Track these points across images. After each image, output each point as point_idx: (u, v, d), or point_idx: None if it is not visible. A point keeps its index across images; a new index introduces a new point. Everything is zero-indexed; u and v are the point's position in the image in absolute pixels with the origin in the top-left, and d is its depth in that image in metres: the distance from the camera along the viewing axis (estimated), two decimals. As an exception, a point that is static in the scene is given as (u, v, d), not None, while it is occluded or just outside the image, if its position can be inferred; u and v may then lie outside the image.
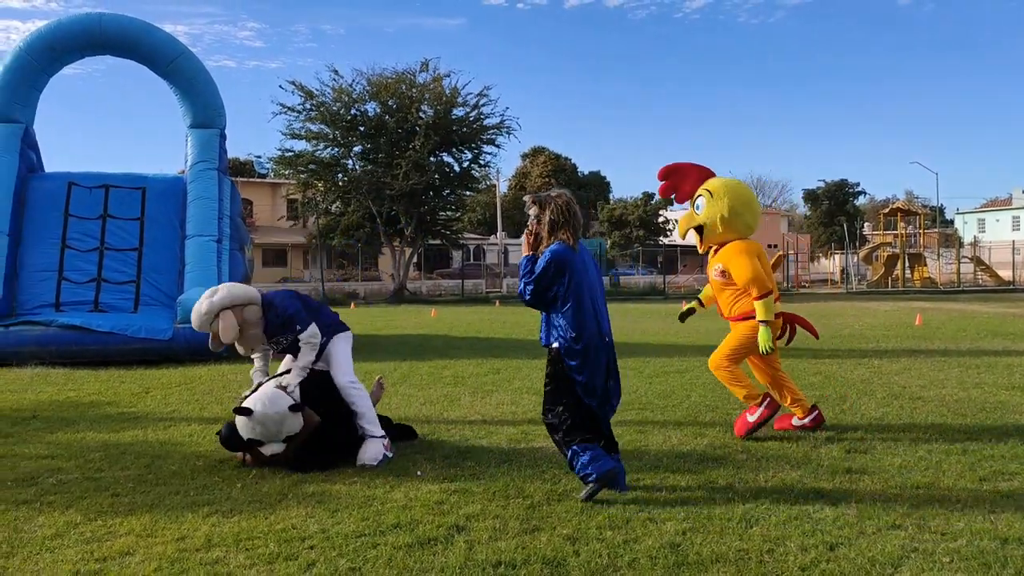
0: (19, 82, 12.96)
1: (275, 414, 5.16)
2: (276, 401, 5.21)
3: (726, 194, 6.10)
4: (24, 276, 12.05)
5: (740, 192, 6.21)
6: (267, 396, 5.25)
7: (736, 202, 6.10)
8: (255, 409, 5.17)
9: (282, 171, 37.70)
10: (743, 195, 6.21)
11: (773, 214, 74.14)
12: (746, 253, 6.04)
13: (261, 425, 5.14)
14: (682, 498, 4.56)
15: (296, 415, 5.24)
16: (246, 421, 5.18)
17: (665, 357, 11.62)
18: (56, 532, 4.03)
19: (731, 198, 6.09)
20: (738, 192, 6.19)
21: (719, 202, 6.07)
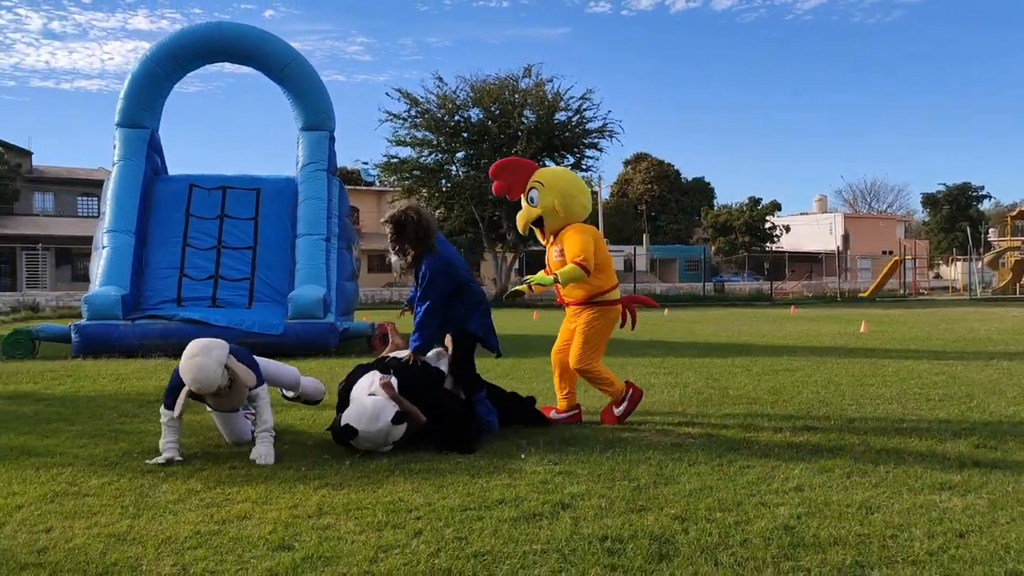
0: (146, 89, 13.69)
1: (378, 431, 5.10)
2: (378, 416, 5.11)
3: (556, 181, 6.25)
4: (149, 273, 12.70)
5: (569, 177, 6.45)
6: (368, 412, 5.10)
7: (569, 186, 6.27)
8: (359, 428, 5.07)
9: (387, 177, 38.58)
10: (573, 179, 6.43)
11: (889, 219, 71.18)
12: (583, 232, 6.18)
13: (367, 441, 5.11)
14: (796, 485, 4.38)
15: (400, 426, 5.18)
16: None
17: (774, 356, 11.28)
18: (179, 497, 4.20)
19: (563, 183, 6.25)
20: (567, 177, 6.43)
21: (552, 190, 6.16)
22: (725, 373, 9.42)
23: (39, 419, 6.51)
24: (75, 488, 4.38)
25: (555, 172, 6.48)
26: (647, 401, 7.39)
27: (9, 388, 8.35)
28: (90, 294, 11.84)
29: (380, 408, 5.15)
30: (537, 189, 6.19)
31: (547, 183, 6.21)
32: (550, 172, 6.43)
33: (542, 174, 6.33)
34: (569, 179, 6.40)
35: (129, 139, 13.44)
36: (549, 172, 6.42)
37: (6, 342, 11.59)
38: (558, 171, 6.56)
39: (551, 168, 6.63)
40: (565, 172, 6.58)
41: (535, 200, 6.22)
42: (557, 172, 6.50)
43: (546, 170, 6.48)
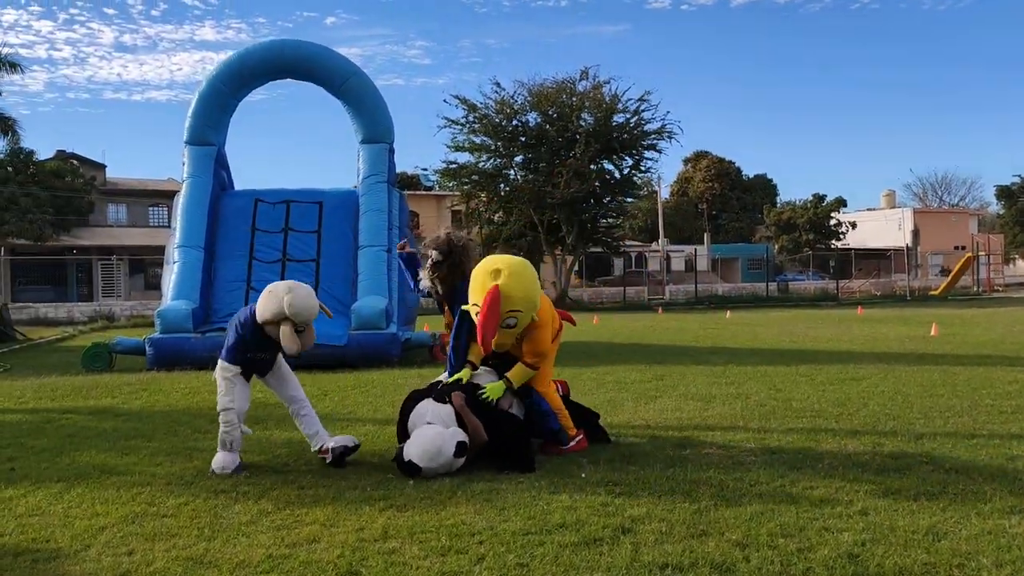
0: (211, 107, 14.11)
1: (439, 466, 5.17)
2: (440, 450, 5.15)
3: (527, 299, 5.66)
4: (218, 286, 13.09)
5: (530, 282, 5.74)
6: (430, 449, 5.16)
7: (534, 293, 5.77)
8: (422, 466, 5.14)
9: (447, 183, 38.93)
10: (532, 282, 5.79)
11: (961, 213, 69.03)
12: (547, 328, 5.99)
13: (431, 472, 5.18)
14: (861, 508, 4.34)
15: (461, 458, 5.24)
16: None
17: (839, 364, 11.08)
18: (250, 519, 4.36)
19: (531, 296, 5.70)
20: (528, 284, 5.72)
21: (527, 310, 5.68)
22: (788, 383, 9.31)
23: (118, 435, 6.79)
24: (154, 508, 4.58)
25: (522, 287, 5.64)
26: (709, 414, 7.37)
27: (89, 403, 8.72)
28: (162, 308, 12.26)
29: (441, 443, 5.20)
30: (515, 317, 5.65)
31: (523, 308, 5.65)
32: (519, 293, 5.60)
33: (513, 302, 5.57)
34: (531, 285, 5.74)
35: (197, 156, 13.87)
36: (518, 294, 5.59)
37: (86, 355, 12.08)
38: (522, 282, 5.66)
39: (511, 280, 5.57)
40: (523, 278, 5.70)
41: (515, 324, 5.70)
42: (522, 284, 5.65)
43: (514, 294, 5.57)
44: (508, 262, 5.72)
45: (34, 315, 27.16)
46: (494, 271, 5.60)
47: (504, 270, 5.59)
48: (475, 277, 5.75)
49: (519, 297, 5.60)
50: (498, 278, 5.54)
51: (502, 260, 5.74)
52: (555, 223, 35.35)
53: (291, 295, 5.37)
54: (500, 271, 5.58)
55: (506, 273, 5.58)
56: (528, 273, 5.78)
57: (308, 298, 5.46)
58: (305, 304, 5.41)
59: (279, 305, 5.36)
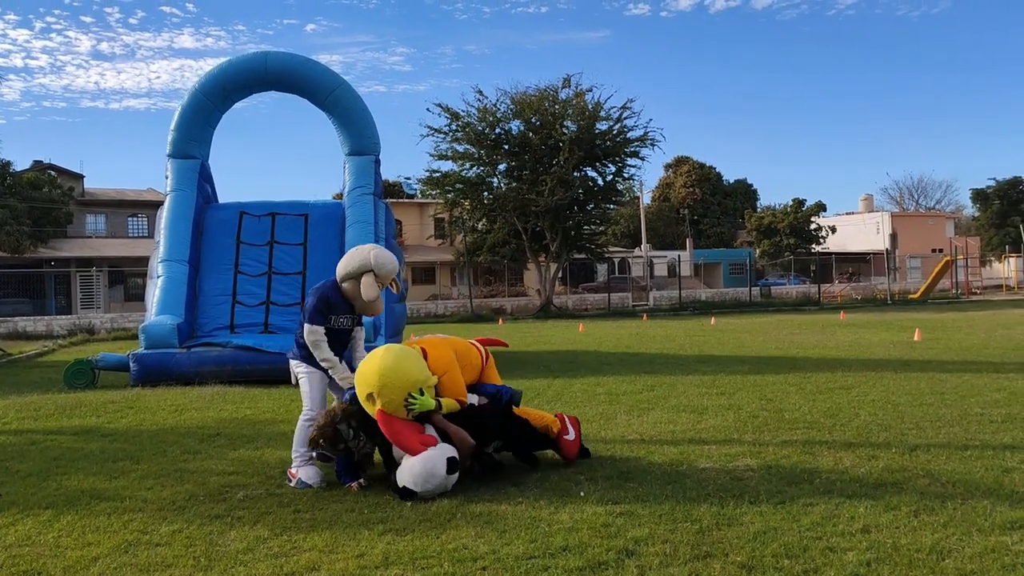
0: (195, 121, 13.99)
1: (436, 487, 5.14)
2: (432, 472, 5.10)
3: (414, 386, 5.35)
4: (203, 301, 12.96)
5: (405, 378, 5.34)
6: (422, 473, 5.09)
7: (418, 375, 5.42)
8: (417, 490, 5.10)
9: (430, 191, 38.86)
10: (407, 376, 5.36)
11: (938, 216, 69.72)
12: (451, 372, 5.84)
13: (429, 493, 5.14)
14: (863, 526, 4.33)
15: (454, 475, 5.21)
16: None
17: (828, 372, 11.12)
18: (247, 546, 4.28)
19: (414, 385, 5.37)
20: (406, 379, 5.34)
21: (425, 386, 5.42)
22: (779, 393, 9.32)
23: (105, 457, 6.68)
24: (147, 537, 4.49)
25: (398, 391, 5.31)
26: (703, 427, 7.36)
27: (74, 422, 8.59)
28: (147, 323, 12.12)
29: (432, 465, 5.13)
30: (413, 402, 5.33)
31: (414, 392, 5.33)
32: (398, 396, 5.31)
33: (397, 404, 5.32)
34: (406, 378, 5.33)
35: (180, 170, 13.75)
36: (397, 397, 5.31)
37: (68, 372, 11.90)
38: (395, 388, 5.30)
39: (384, 397, 5.27)
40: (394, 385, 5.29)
41: (416, 401, 5.37)
42: (396, 389, 5.30)
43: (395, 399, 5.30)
44: (373, 379, 5.26)
45: (12, 329, 26.80)
46: (367, 397, 5.32)
47: (374, 390, 5.25)
48: (360, 399, 5.44)
49: (400, 399, 5.28)
50: (375, 402, 5.28)
51: (368, 378, 5.30)
52: (539, 230, 35.37)
53: (376, 250, 5.91)
54: (373, 395, 5.28)
55: (377, 393, 5.25)
56: (394, 373, 5.27)
57: (387, 254, 5.92)
58: (389, 258, 5.89)
59: (364, 257, 5.81)
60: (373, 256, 5.85)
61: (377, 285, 5.87)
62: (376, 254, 5.88)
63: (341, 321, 5.98)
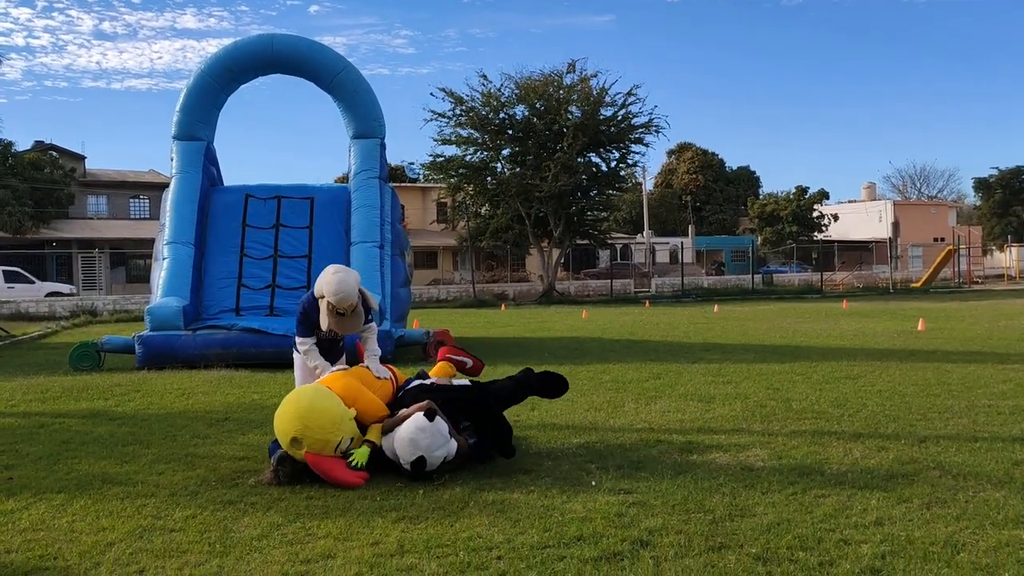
0: (200, 102, 13.94)
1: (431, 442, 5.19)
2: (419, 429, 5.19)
3: (341, 428, 5.30)
4: (208, 283, 12.95)
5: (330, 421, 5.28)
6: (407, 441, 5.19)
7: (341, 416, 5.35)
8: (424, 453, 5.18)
9: (433, 176, 38.78)
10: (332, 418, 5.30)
11: (940, 205, 69.60)
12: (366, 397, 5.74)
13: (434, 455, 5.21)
14: (876, 519, 4.33)
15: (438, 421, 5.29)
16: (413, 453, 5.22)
17: (833, 361, 11.12)
18: (261, 533, 4.29)
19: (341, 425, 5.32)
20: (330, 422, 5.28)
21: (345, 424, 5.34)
22: (785, 382, 9.33)
23: (115, 441, 6.69)
24: (161, 522, 4.50)
25: (323, 431, 5.23)
26: (711, 416, 7.36)
27: (82, 405, 8.59)
28: (152, 305, 12.11)
29: (412, 424, 5.24)
30: (343, 440, 5.29)
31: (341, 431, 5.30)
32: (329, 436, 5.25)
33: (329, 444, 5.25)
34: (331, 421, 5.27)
35: (186, 152, 13.70)
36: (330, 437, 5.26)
37: (74, 355, 11.91)
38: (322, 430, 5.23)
39: (310, 439, 5.18)
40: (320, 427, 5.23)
41: (351, 440, 5.36)
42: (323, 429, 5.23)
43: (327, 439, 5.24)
44: (295, 424, 5.17)
45: (15, 310, 26.82)
46: (290, 442, 5.19)
47: (298, 435, 5.15)
48: (281, 440, 5.29)
49: (330, 439, 5.22)
50: (300, 447, 5.18)
51: (287, 424, 5.21)
52: (542, 216, 35.30)
53: (334, 276, 5.74)
54: (296, 438, 5.16)
55: (301, 436, 5.16)
56: (312, 414, 5.20)
57: (344, 284, 5.69)
58: (337, 288, 5.67)
59: (322, 280, 5.78)
60: (326, 283, 5.70)
61: (333, 314, 5.69)
62: (328, 280, 5.69)
63: (327, 334, 5.97)
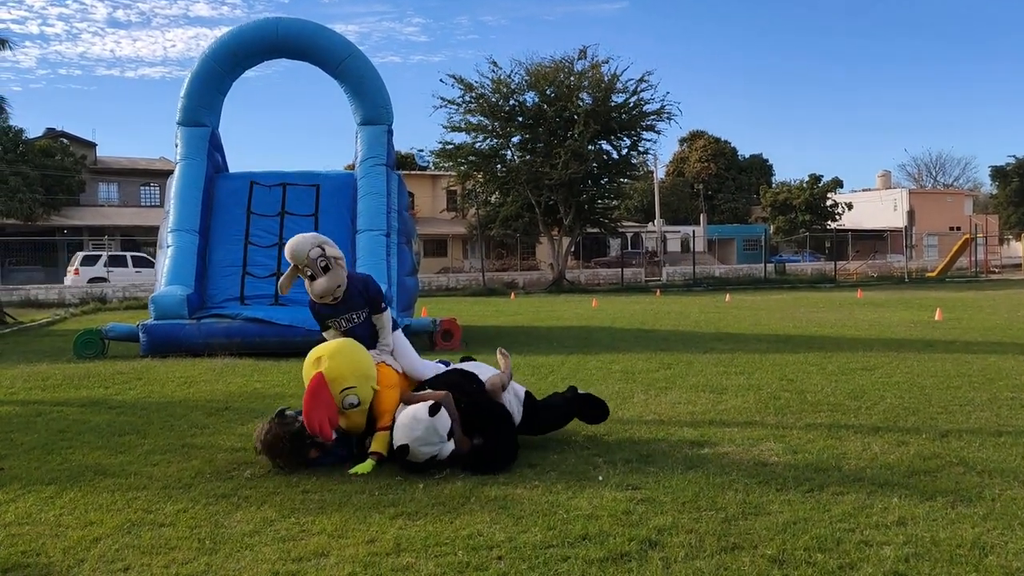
0: (205, 88, 13.75)
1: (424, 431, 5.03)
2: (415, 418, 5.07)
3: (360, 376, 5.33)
4: (213, 271, 12.79)
5: (360, 355, 5.47)
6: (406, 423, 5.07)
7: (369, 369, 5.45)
8: (408, 443, 5.02)
9: (443, 163, 38.55)
10: (362, 355, 5.50)
11: (956, 194, 68.87)
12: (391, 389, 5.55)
13: (422, 449, 5.04)
14: (898, 518, 4.12)
15: (441, 415, 5.12)
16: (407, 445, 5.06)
17: (848, 351, 10.88)
18: (254, 528, 4.11)
19: (363, 367, 5.40)
20: (359, 357, 5.45)
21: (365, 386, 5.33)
22: (799, 373, 9.10)
23: (112, 431, 6.54)
24: (151, 516, 4.33)
25: (349, 364, 5.33)
26: (723, 407, 7.15)
27: (82, 393, 8.46)
28: (156, 294, 11.97)
29: (412, 412, 5.13)
30: (354, 395, 5.27)
31: (357, 383, 5.29)
32: (347, 370, 5.29)
33: (344, 379, 5.25)
34: (358, 359, 5.42)
35: (191, 138, 13.53)
36: (346, 371, 5.29)
37: (78, 342, 11.79)
38: (346, 359, 5.36)
39: (334, 361, 5.28)
40: (346, 355, 5.39)
41: (358, 402, 5.30)
42: (348, 361, 5.35)
43: (341, 373, 5.26)
44: (328, 347, 5.46)
45: (24, 297, 26.81)
46: (315, 360, 5.37)
47: (324, 355, 5.34)
48: (305, 375, 5.45)
49: (349, 373, 5.28)
50: (319, 365, 5.28)
51: (322, 347, 5.49)
52: (552, 204, 35.04)
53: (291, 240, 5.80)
54: (321, 358, 5.33)
55: (327, 357, 5.32)
56: (351, 349, 5.48)
57: (292, 241, 5.74)
58: (287, 247, 5.73)
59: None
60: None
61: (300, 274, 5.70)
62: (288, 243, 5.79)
63: (339, 323, 5.82)
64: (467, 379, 5.74)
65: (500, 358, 6.18)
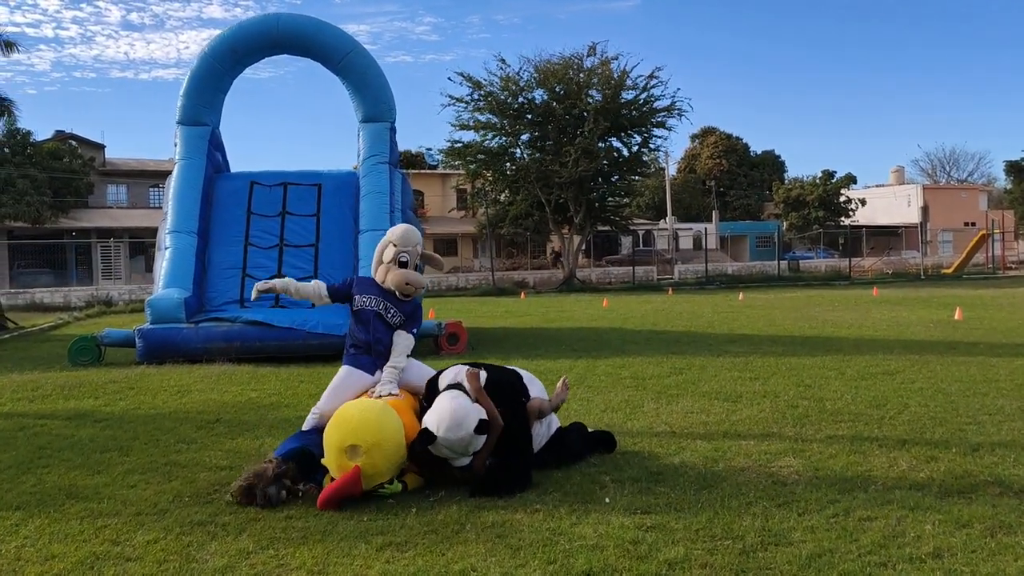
0: (205, 86, 13.44)
1: (458, 440, 4.70)
2: (460, 423, 4.71)
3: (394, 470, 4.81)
4: (212, 273, 12.48)
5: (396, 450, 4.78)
6: (449, 417, 4.72)
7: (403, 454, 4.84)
8: (437, 435, 4.69)
9: (452, 162, 38.20)
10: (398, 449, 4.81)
11: (971, 189, 68.02)
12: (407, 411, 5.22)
13: (445, 448, 4.72)
14: (932, 549, 3.74)
15: (481, 436, 4.77)
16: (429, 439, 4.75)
17: (867, 354, 10.46)
18: (227, 563, 3.77)
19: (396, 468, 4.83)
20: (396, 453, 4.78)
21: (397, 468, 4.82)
22: (817, 378, 8.70)
23: (93, 447, 6.21)
24: (117, 549, 3.99)
25: (386, 459, 4.70)
26: (738, 417, 6.77)
27: (70, 405, 8.15)
28: (153, 297, 11.66)
29: (463, 415, 4.76)
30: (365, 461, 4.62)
31: (393, 473, 4.80)
32: (384, 467, 4.71)
33: (380, 476, 4.71)
34: (396, 451, 4.79)
35: (190, 137, 13.23)
36: (383, 468, 4.70)
37: (72, 349, 11.51)
38: (385, 454, 4.70)
39: (376, 454, 4.63)
40: (396, 449, 4.77)
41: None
42: (386, 456, 4.71)
43: (375, 462, 4.65)
44: (363, 433, 4.64)
45: (30, 300, 26.63)
46: (349, 448, 4.61)
47: (362, 447, 4.60)
48: (327, 446, 4.76)
49: (386, 470, 4.71)
50: (355, 457, 4.60)
51: (355, 431, 4.67)
52: (562, 202, 34.64)
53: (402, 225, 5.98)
54: (357, 448, 4.60)
55: (365, 450, 4.60)
56: (389, 435, 4.74)
57: (411, 229, 5.88)
58: (407, 230, 5.82)
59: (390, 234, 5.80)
60: (393, 230, 5.88)
61: (395, 260, 5.70)
62: (395, 228, 5.94)
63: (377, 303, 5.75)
64: (517, 390, 5.33)
65: (560, 387, 5.67)
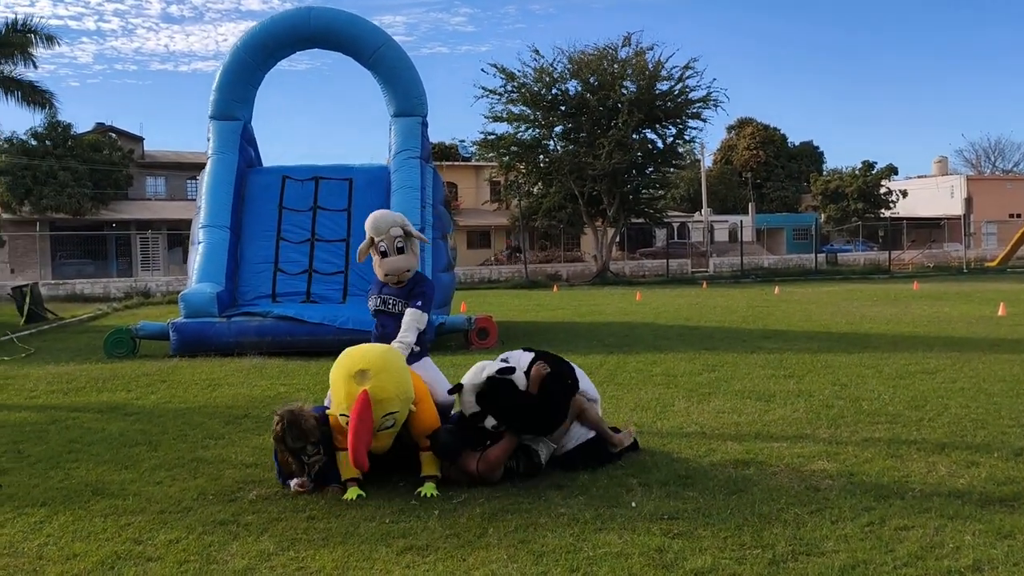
0: (237, 80, 13.51)
1: (482, 382, 5.05)
2: (483, 368, 5.11)
3: (403, 400, 4.84)
4: (245, 268, 12.56)
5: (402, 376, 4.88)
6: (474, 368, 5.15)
7: (410, 388, 4.92)
8: (463, 382, 5.08)
9: (485, 154, 38.15)
10: (403, 376, 4.92)
11: (1018, 180, 66.41)
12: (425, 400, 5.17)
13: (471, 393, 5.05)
14: (973, 562, 3.59)
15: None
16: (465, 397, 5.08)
17: (907, 352, 10.22)
18: (248, 565, 3.74)
19: (405, 396, 4.86)
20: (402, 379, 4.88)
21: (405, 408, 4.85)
22: (854, 377, 8.50)
23: (123, 441, 6.26)
24: (139, 548, 3.99)
25: (394, 384, 4.79)
26: (771, 418, 6.63)
27: (102, 398, 8.23)
28: (186, 291, 11.76)
29: (484, 364, 5.15)
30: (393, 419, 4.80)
31: (400, 407, 4.80)
32: (392, 393, 4.75)
33: (388, 403, 4.74)
34: (402, 377, 4.89)
35: (223, 132, 13.30)
36: (391, 394, 4.75)
37: (108, 341, 11.66)
38: (393, 378, 4.80)
39: (380, 380, 4.70)
40: (392, 372, 4.82)
41: (393, 424, 4.84)
42: (394, 380, 4.80)
43: (387, 395, 4.73)
44: (372, 358, 4.82)
45: (71, 291, 27.12)
46: (357, 372, 4.71)
47: (371, 370, 4.70)
48: (334, 381, 4.91)
49: (395, 396, 4.75)
50: (364, 381, 4.67)
51: (363, 357, 4.84)
52: (596, 195, 34.44)
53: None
54: (366, 372, 4.69)
55: (374, 373, 4.69)
56: (398, 365, 4.91)
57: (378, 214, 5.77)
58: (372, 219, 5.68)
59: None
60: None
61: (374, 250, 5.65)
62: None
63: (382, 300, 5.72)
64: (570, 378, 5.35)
65: (625, 433, 5.61)
